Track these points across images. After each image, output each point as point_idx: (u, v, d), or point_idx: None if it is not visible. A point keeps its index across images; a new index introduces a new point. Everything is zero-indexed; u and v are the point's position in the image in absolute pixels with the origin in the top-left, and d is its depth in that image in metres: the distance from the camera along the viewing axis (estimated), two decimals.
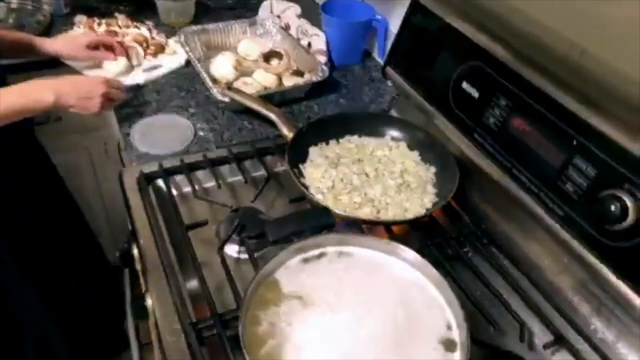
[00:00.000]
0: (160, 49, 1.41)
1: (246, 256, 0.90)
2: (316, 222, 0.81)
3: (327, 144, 1.09)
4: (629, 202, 0.72)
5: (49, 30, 1.47)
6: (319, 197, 0.94)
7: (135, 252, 0.95)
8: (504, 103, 0.92)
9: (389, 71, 1.20)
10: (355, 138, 1.11)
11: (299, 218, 0.82)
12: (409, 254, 0.75)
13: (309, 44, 1.44)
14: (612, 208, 0.73)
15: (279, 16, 1.54)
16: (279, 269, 0.75)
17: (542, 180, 0.85)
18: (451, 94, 1.03)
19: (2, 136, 0.95)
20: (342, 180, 0.99)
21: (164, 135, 1.12)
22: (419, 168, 1.06)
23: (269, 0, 1.58)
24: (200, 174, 1.06)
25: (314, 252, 0.77)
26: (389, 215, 0.94)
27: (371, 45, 1.52)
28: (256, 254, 0.89)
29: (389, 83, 1.27)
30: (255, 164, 1.09)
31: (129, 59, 1.35)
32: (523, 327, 0.81)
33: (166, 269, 0.86)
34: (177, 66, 1.38)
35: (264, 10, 1.57)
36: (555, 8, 0.90)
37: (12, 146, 0.98)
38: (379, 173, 1.02)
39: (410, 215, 0.95)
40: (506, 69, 0.92)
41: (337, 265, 0.76)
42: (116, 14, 1.46)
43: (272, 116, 1.11)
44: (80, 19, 1.46)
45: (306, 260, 0.76)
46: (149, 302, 0.85)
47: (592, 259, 0.79)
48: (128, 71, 1.32)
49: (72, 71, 1.33)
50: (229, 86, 1.18)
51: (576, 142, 0.80)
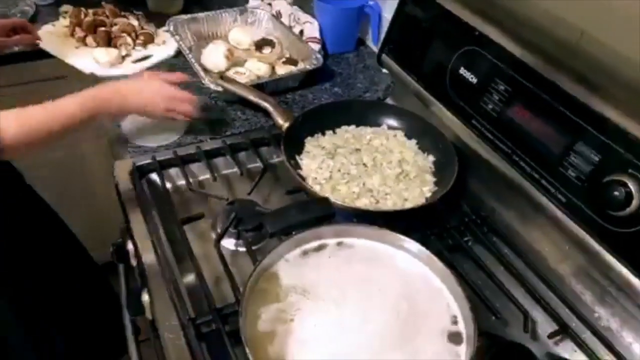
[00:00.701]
0: (150, 39, 1.38)
1: (244, 249, 0.88)
2: (315, 213, 0.80)
3: (323, 134, 1.07)
4: (633, 188, 0.71)
5: (33, 21, 1.43)
6: (316, 188, 0.93)
7: (130, 247, 0.93)
8: (502, 88, 0.90)
9: (384, 58, 1.18)
10: (352, 128, 1.09)
11: (297, 210, 0.80)
12: (411, 245, 0.74)
13: (302, 32, 1.41)
14: (616, 194, 0.72)
15: (269, 4, 1.51)
16: (279, 262, 0.73)
17: (544, 167, 0.84)
18: (448, 80, 1.01)
19: None
20: (339, 170, 0.97)
21: (156, 127, 1.09)
22: (417, 157, 1.04)
23: None
24: (194, 166, 1.04)
25: (314, 244, 0.76)
26: (387, 205, 0.93)
27: (365, 32, 1.50)
28: (254, 247, 0.87)
29: (384, 70, 1.25)
30: (250, 155, 1.07)
31: (118, 49, 1.31)
32: (526, 317, 0.80)
33: (162, 264, 0.84)
34: (167, 56, 1.35)
35: None
36: None
37: None
38: (376, 163, 1.01)
39: (409, 204, 0.93)
40: (504, 53, 0.90)
41: (337, 257, 0.74)
42: (103, 3, 1.43)
43: (266, 106, 1.08)
44: (67, 8, 1.42)
45: (306, 253, 0.75)
46: (145, 298, 0.83)
47: (595, 245, 0.78)
48: (117, 62, 1.29)
49: (59, 62, 1.29)
50: (222, 76, 1.16)
51: (578, 127, 0.78)
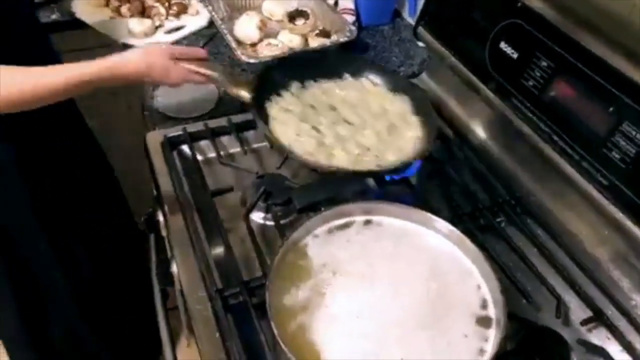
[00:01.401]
0: (183, 9, 1.37)
1: (272, 223, 0.88)
2: (344, 189, 0.78)
3: (279, 95, 0.98)
4: None
5: None
6: (307, 158, 0.85)
7: (161, 217, 0.94)
8: (545, 64, 0.86)
9: (421, 31, 1.14)
10: (313, 83, 1.01)
11: (326, 185, 0.80)
12: (442, 224, 0.72)
13: (336, 3, 1.38)
14: None
15: None
16: (307, 237, 0.72)
17: (586, 148, 0.80)
18: (488, 55, 0.97)
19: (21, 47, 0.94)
20: (319, 132, 0.91)
21: (188, 98, 1.09)
22: (394, 102, 1.00)
23: None
24: (225, 139, 1.03)
25: (342, 221, 0.75)
26: (390, 160, 0.88)
27: (401, 5, 1.45)
28: (282, 221, 0.87)
29: (420, 44, 1.21)
30: None
31: (152, 19, 1.31)
32: (559, 302, 0.78)
33: (192, 235, 0.85)
34: (200, 27, 1.34)
35: None
36: None
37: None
38: (361, 118, 0.96)
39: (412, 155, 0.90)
40: (548, 27, 0.85)
41: (365, 234, 0.73)
42: None
43: (213, 74, 0.92)
44: None
45: (334, 229, 0.74)
46: (174, 268, 0.85)
47: (636, 230, 0.75)
48: (150, 32, 1.29)
49: (94, 32, 1.30)
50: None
51: (625, 106, 0.74)
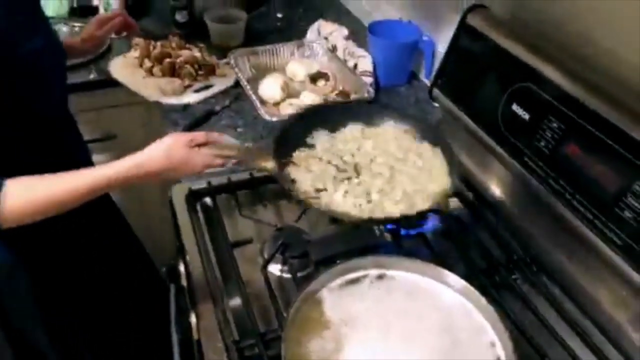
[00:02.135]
0: (211, 70, 1.45)
1: (289, 275, 0.90)
2: (359, 242, 0.81)
3: (302, 148, 1.01)
4: None
5: (109, 52, 1.55)
6: (334, 210, 0.88)
7: (182, 268, 0.97)
8: (556, 126, 0.89)
9: (436, 92, 1.19)
10: (335, 133, 1.05)
11: (342, 239, 0.82)
12: (455, 280, 0.73)
13: (355, 65, 1.45)
14: None
15: (326, 38, 1.56)
16: (322, 290, 0.74)
17: (598, 207, 0.81)
18: (500, 116, 1.00)
19: (60, 156, 0.99)
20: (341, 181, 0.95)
21: None
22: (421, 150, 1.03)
23: (317, 23, 1.60)
24: (246, 192, 1.07)
25: (356, 275, 0.77)
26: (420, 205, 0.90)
27: (418, 66, 1.51)
28: (299, 274, 0.89)
29: (436, 104, 1.26)
30: None
31: (181, 79, 1.39)
32: None
33: (211, 286, 0.88)
34: (227, 86, 1.41)
35: (312, 33, 1.60)
36: (615, 29, 0.87)
37: (64, 159, 0.99)
38: (385, 166, 0.98)
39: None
40: (558, 90, 0.89)
41: (379, 288, 0.75)
42: (170, 36, 1.52)
43: (234, 154, 0.93)
44: (138, 41, 1.52)
45: (348, 283, 0.76)
46: (193, 319, 0.86)
47: None
48: (180, 91, 1.37)
49: (127, 90, 1.39)
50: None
51: (635, 167, 0.76)
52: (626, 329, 0.82)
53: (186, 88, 1.39)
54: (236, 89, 1.40)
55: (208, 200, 1.05)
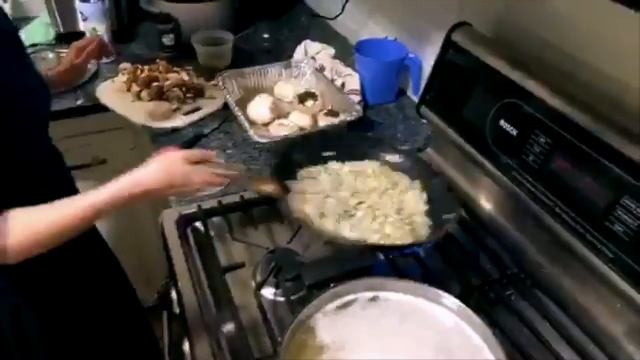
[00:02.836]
0: (200, 92, 1.45)
1: (283, 299, 0.89)
2: (353, 266, 0.80)
3: (298, 176, 1.04)
4: None
5: (96, 77, 1.54)
6: (328, 233, 0.91)
7: (174, 295, 0.96)
8: (544, 141, 0.90)
9: (424, 110, 1.20)
10: (334, 163, 1.08)
11: (335, 262, 0.82)
12: (450, 301, 0.73)
13: (343, 84, 1.46)
14: None
15: (313, 58, 1.57)
16: (316, 314, 0.73)
17: (588, 221, 0.82)
18: (489, 132, 1.01)
19: (40, 183, 0.98)
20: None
21: None
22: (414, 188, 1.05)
23: (303, 43, 1.62)
24: (237, 215, 1.07)
25: (350, 298, 0.76)
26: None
27: (405, 84, 1.53)
28: (293, 297, 0.88)
29: (424, 121, 1.27)
30: None
31: (169, 102, 1.39)
32: None
33: (204, 313, 0.87)
34: (215, 109, 1.41)
35: (299, 53, 1.61)
36: (597, 46, 0.89)
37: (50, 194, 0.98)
38: (377, 199, 1.01)
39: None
40: (546, 106, 0.90)
41: (374, 311, 0.74)
42: (158, 61, 1.53)
43: (234, 174, 0.93)
44: (125, 66, 1.52)
45: (343, 306, 0.75)
46: (186, 346, 0.85)
47: None
48: (169, 115, 1.37)
49: (115, 115, 1.38)
50: None
51: (624, 181, 0.77)
52: (622, 342, 0.82)
53: (175, 111, 1.39)
54: (225, 111, 1.40)
55: (199, 224, 1.04)
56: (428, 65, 1.36)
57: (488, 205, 1.09)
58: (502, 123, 0.98)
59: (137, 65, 1.48)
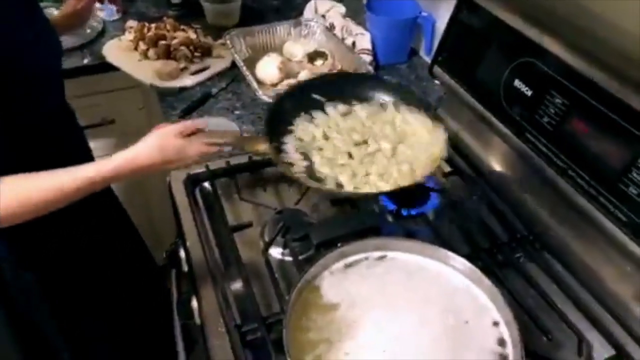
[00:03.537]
0: (207, 51, 1.43)
1: (291, 259, 0.90)
2: (360, 224, 0.80)
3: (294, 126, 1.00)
4: None
5: (102, 36, 1.52)
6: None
7: (182, 253, 0.96)
8: (559, 101, 0.87)
9: (437, 70, 1.17)
10: (330, 108, 1.03)
11: (343, 221, 0.81)
12: (457, 260, 0.72)
13: (354, 44, 1.42)
14: None
15: (323, 16, 1.53)
16: (323, 273, 0.74)
17: (602, 183, 0.80)
18: (502, 92, 0.98)
19: (53, 142, 0.98)
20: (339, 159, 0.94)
21: None
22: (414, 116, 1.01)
23: (313, 1, 1.57)
24: (245, 175, 1.06)
25: (358, 257, 0.76)
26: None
27: (418, 43, 1.49)
28: (300, 257, 0.88)
29: (437, 82, 1.24)
30: None
31: (177, 61, 1.37)
32: (581, 340, 0.76)
33: (212, 270, 0.87)
34: (223, 68, 1.39)
35: (308, 11, 1.57)
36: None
37: (63, 152, 0.98)
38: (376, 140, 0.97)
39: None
40: (561, 65, 0.87)
41: (381, 270, 0.74)
42: (165, 18, 1.50)
43: (227, 141, 0.92)
44: (132, 24, 1.50)
45: (350, 265, 0.75)
46: (194, 303, 0.86)
47: None
48: (176, 74, 1.35)
49: (123, 74, 1.37)
50: None
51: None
52: (630, 305, 0.82)
53: (182, 70, 1.37)
54: (233, 71, 1.38)
55: (207, 184, 1.04)
56: (441, 24, 1.31)
57: (499, 167, 1.07)
58: (517, 83, 0.95)
59: (144, 23, 1.46)
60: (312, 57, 1.36)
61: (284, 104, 1.01)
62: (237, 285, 0.88)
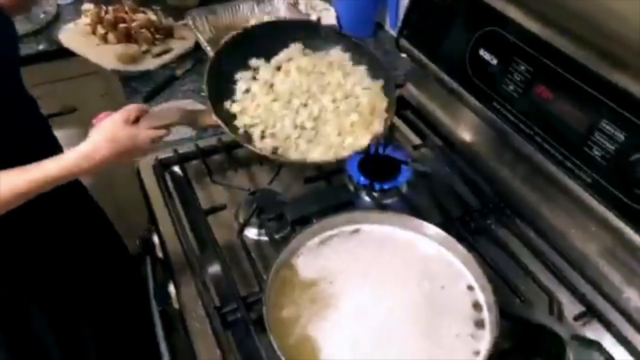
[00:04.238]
0: (169, 33, 1.39)
1: (266, 239, 0.89)
2: (334, 200, 0.80)
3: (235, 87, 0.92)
4: None
5: (57, 20, 1.46)
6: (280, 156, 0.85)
7: (156, 239, 0.95)
8: (523, 69, 0.88)
9: (403, 43, 1.16)
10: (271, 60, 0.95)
11: (317, 197, 0.81)
12: (430, 228, 0.74)
13: (319, 19, 1.40)
14: None
15: None
16: (299, 249, 0.74)
17: (567, 147, 0.82)
18: (468, 62, 0.99)
19: (16, 131, 0.94)
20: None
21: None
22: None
23: None
24: (215, 157, 1.05)
25: (333, 232, 0.76)
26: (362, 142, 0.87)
27: (383, 17, 1.48)
28: (277, 236, 0.88)
29: (403, 55, 1.24)
30: None
31: (138, 44, 1.33)
32: (552, 299, 0.79)
33: (188, 255, 0.86)
34: (187, 49, 1.36)
35: None
36: None
37: (28, 145, 0.94)
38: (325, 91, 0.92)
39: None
40: (525, 32, 0.88)
41: (356, 243, 0.75)
42: (123, 0, 1.45)
43: (176, 121, 0.86)
44: (88, 7, 1.44)
45: (325, 240, 0.75)
46: (171, 288, 0.85)
47: (621, 225, 0.77)
48: (138, 57, 1.31)
49: (82, 60, 1.32)
50: None
51: (602, 105, 0.76)
52: (597, 263, 0.85)
53: (144, 54, 1.33)
54: (197, 52, 1.35)
55: (177, 169, 1.02)
56: None
57: (469, 137, 1.09)
58: (482, 52, 0.96)
59: (101, 6, 1.41)
60: None
61: (227, 59, 0.92)
62: (214, 268, 0.87)
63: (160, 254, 0.94)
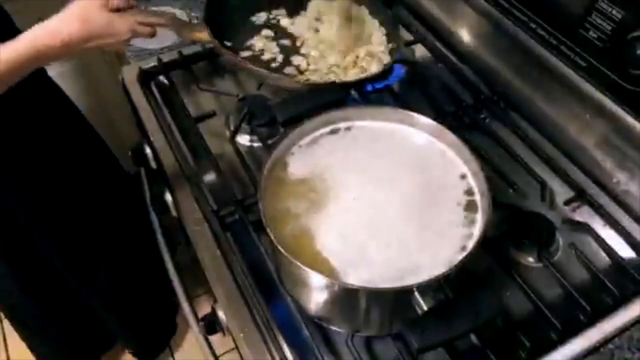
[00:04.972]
0: None
1: (259, 144, 0.89)
2: (326, 99, 0.78)
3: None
4: None
5: None
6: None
7: (148, 150, 0.94)
8: None
9: None
10: None
11: (307, 97, 0.79)
12: (422, 120, 0.73)
13: None
14: None
15: None
16: (292, 148, 0.73)
17: (562, 31, 0.80)
18: None
19: None
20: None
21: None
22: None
23: None
24: (201, 65, 1.02)
25: (325, 130, 0.75)
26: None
27: None
28: (269, 141, 0.87)
29: None
30: None
31: None
32: (544, 186, 0.80)
33: (181, 163, 0.86)
34: None
35: None
36: None
37: None
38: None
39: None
40: None
41: (349, 139, 0.74)
42: None
43: (163, 22, 0.84)
44: None
45: (317, 138, 0.75)
46: (168, 197, 0.86)
47: (616, 109, 0.76)
48: None
49: None
50: None
51: None
52: (591, 151, 0.85)
53: None
54: None
55: (162, 78, 0.99)
56: None
57: (461, 31, 1.05)
58: None
59: None
60: None
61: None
62: (209, 176, 0.87)
63: (154, 165, 0.93)
